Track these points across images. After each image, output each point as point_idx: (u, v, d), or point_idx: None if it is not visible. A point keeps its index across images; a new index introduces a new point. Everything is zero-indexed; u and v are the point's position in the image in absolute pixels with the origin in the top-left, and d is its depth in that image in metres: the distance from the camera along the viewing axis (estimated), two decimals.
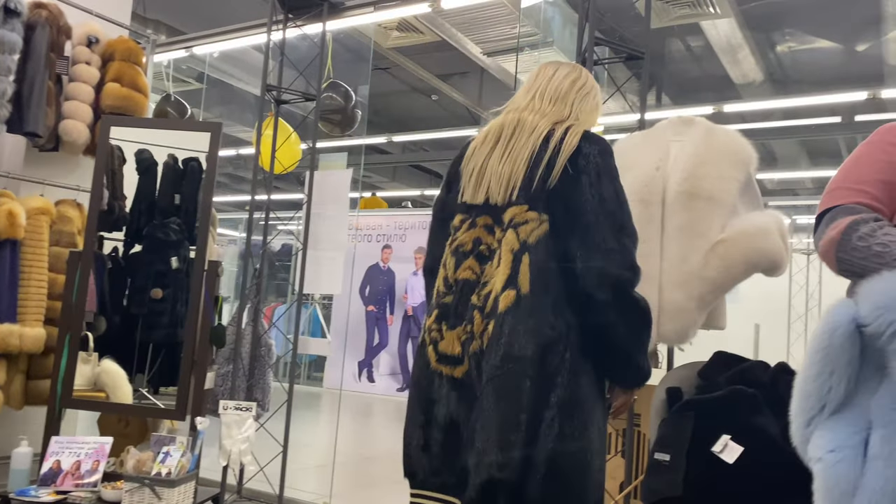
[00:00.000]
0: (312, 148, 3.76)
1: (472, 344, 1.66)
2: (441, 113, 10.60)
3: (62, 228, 3.84)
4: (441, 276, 1.77)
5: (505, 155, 1.79)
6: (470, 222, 1.77)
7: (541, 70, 1.95)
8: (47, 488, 3.24)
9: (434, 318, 1.74)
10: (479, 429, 1.60)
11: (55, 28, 3.80)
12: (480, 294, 1.69)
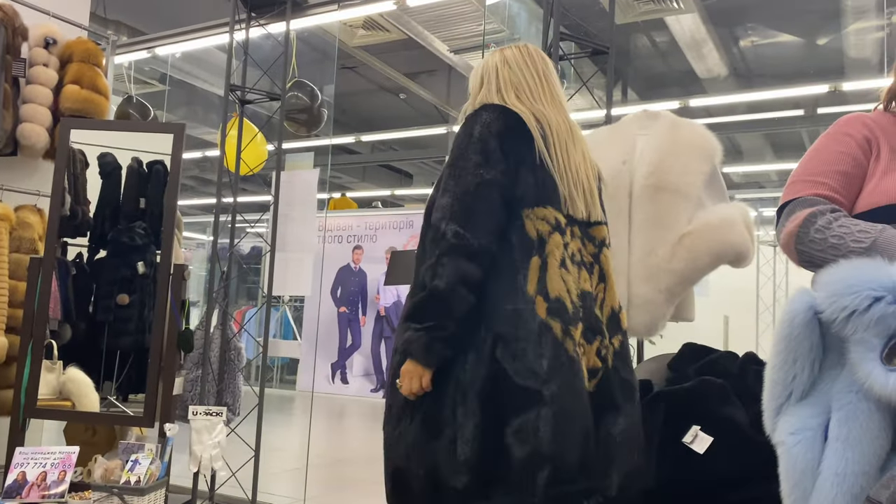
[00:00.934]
0: (278, 148, 3.72)
1: (608, 359, 1.72)
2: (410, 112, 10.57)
3: (22, 234, 3.75)
4: (570, 285, 1.67)
5: (584, 166, 1.80)
6: (572, 230, 1.75)
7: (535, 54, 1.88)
8: (12, 500, 3.16)
9: (581, 332, 1.66)
10: (627, 436, 1.69)
11: (10, 29, 3.71)
12: (603, 309, 1.76)
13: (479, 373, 1.61)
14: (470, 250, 1.60)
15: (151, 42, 4.78)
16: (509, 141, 1.68)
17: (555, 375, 1.58)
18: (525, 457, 1.56)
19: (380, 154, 12.31)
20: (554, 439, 1.56)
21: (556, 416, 1.56)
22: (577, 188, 1.75)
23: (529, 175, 1.69)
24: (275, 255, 3.70)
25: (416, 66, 8.64)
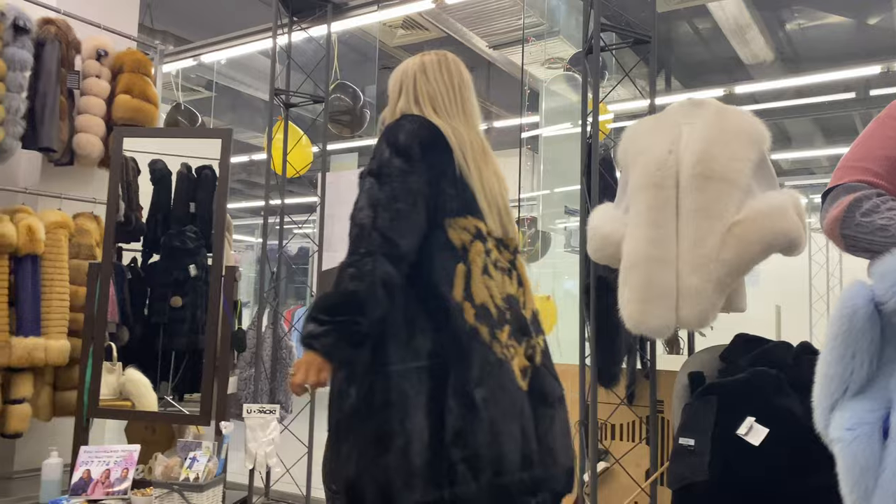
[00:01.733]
0: (323, 150, 3.78)
1: (535, 357, 1.76)
2: None
3: (81, 241, 3.88)
4: (493, 291, 1.72)
5: (497, 185, 1.85)
6: (489, 241, 1.79)
7: (453, 66, 1.90)
8: (79, 498, 3.29)
9: (508, 334, 1.70)
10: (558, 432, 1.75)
11: (64, 43, 3.84)
12: (526, 311, 1.80)
13: (416, 385, 1.62)
14: (392, 255, 1.62)
15: (197, 50, 4.89)
16: (430, 152, 1.71)
17: (485, 379, 1.62)
18: (466, 461, 1.58)
19: None
20: (492, 441, 1.59)
21: (492, 419, 1.60)
22: (490, 204, 1.80)
23: (450, 186, 1.73)
24: (322, 255, 3.76)
25: None
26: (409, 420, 1.60)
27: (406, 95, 1.86)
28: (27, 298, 3.55)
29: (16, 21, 3.58)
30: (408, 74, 1.88)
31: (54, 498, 3.29)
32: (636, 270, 2.23)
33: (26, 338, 3.50)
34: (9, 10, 3.58)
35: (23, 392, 3.53)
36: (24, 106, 3.60)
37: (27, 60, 3.61)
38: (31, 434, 3.95)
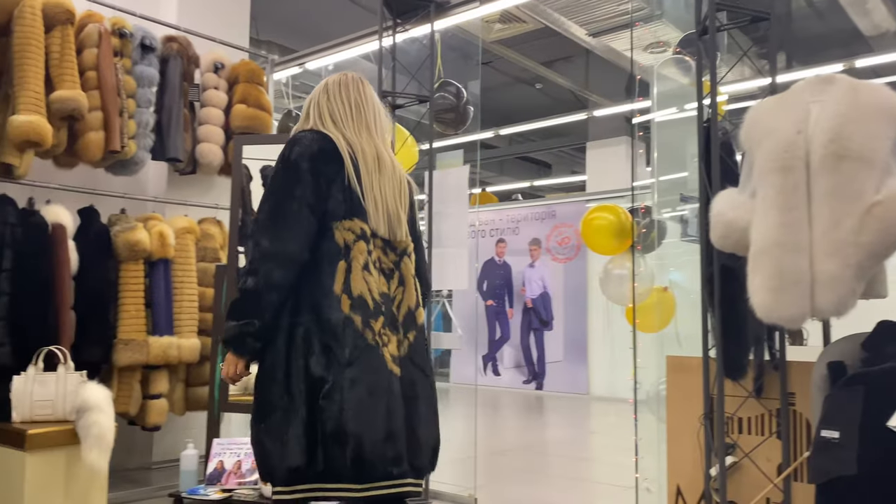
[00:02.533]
0: (430, 149, 3.83)
1: (403, 348, 2.00)
2: (546, 101, 10.49)
3: (206, 245, 4.11)
4: (371, 286, 1.94)
5: (392, 192, 2.06)
6: (374, 241, 2.00)
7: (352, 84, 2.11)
8: (214, 487, 3.48)
9: (382, 323, 1.94)
10: (424, 416, 1.98)
11: (185, 58, 4.07)
12: (400, 308, 2.04)
13: (298, 364, 1.86)
14: (279, 258, 1.86)
15: (304, 58, 5.06)
16: (322, 162, 1.94)
17: (356, 361, 1.85)
18: (333, 435, 1.81)
19: (517, 146, 12.31)
20: (356, 417, 1.81)
21: (358, 397, 1.83)
22: (378, 209, 2.00)
23: (339, 192, 1.94)
24: (432, 252, 3.81)
25: (552, 54, 8.55)
26: (289, 394, 1.85)
27: (311, 113, 2.09)
28: (161, 300, 3.79)
29: (143, 40, 3.83)
30: (314, 96, 2.11)
31: (192, 487, 3.50)
32: (766, 257, 2.14)
33: (161, 337, 3.74)
34: (136, 30, 3.83)
35: (160, 388, 3.78)
36: (153, 120, 3.84)
37: (154, 77, 3.86)
38: (167, 427, 4.21)
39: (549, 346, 9.56)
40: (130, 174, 3.87)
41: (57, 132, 3.40)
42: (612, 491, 3.99)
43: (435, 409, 2.05)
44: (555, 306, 9.56)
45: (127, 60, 3.75)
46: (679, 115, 3.41)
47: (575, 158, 12.89)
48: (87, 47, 3.59)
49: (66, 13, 3.50)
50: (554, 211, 9.71)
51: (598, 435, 6.15)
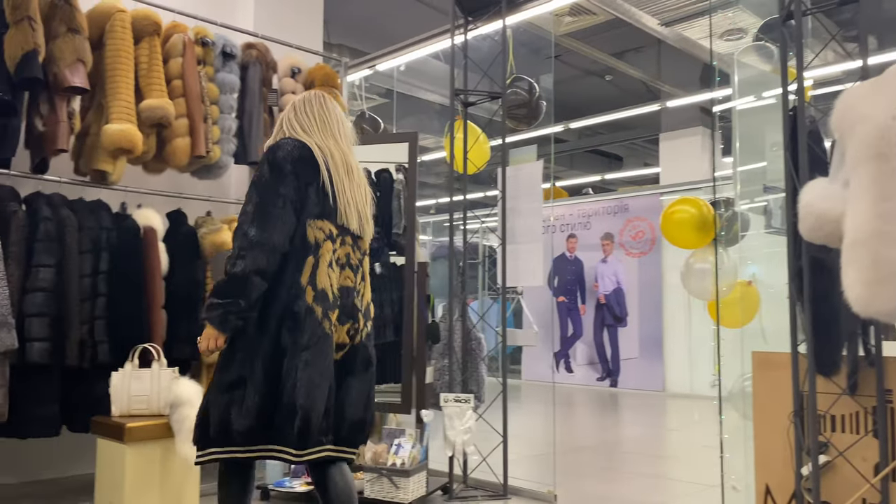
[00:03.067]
0: (503, 144, 3.83)
1: (355, 338, 2.31)
2: (616, 93, 10.32)
3: None
4: (332, 281, 2.23)
5: (360, 193, 2.34)
6: (342, 240, 2.29)
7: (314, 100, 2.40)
8: (298, 479, 3.59)
9: (337, 315, 2.24)
10: (354, 396, 2.30)
11: (264, 64, 4.19)
12: (361, 300, 2.34)
13: (264, 344, 2.14)
14: (265, 247, 2.11)
15: (375, 59, 5.13)
16: (300, 166, 2.20)
17: (312, 346, 2.15)
18: (286, 406, 2.12)
19: (587, 140, 12.16)
20: (306, 394, 2.12)
21: (310, 377, 2.13)
22: (350, 207, 2.29)
23: (315, 194, 2.21)
24: (505, 248, 3.82)
25: (622, 45, 8.41)
26: (250, 369, 2.14)
27: (284, 127, 2.36)
28: None
29: (224, 48, 3.97)
30: (286, 113, 2.40)
31: (278, 480, 3.62)
32: (863, 249, 2.06)
33: None
34: (218, 38, 3.97)
35: None
36: (235, 125, 3.98)
37: (235, 83, 3.99)
38: None
39: (623, 342, 9.41)
40: (214, 178, 4.02)
41: (146, 139, 3.57)
42: (695, 489, 3.91)
43: (367, 392, 2.35)
44: (629, 302, 9.41)
45: (210, 68, 3.89)
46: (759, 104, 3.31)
47: (647, 150, 12.63)
48: (173, 57, 3.75)
49: (153, 25, 3.66)
50: (627, 205, 9.55)
51: (677, 432, 6.03)
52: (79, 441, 3.87)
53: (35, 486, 3.80)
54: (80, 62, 3.29)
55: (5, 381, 3.11)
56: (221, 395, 2.17)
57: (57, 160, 3.51)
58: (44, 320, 3.19)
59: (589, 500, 3.63)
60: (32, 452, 3.84)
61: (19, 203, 3.32)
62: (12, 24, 3.11)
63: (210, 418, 2.18)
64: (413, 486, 3.34)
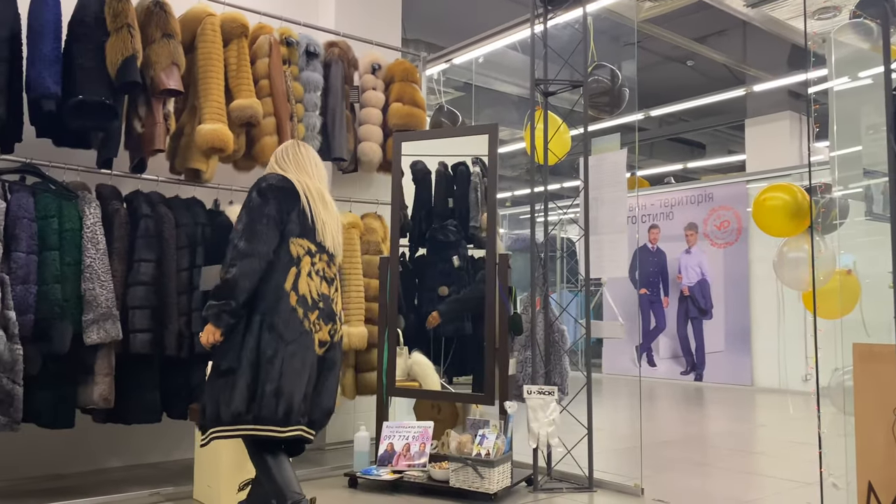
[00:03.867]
0: (584, 133, 3.78)
1: (334, 337, 2.77)
2: (698, 79, 10.01)
3: (369, 238, 4.31)
4: (312, 288, 2.68)
5: (332, 220, 2.83)
6: (320, 256, 2.75)
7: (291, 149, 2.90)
8: (385, 468, 3.66)
9: (317, 315, 2.68)
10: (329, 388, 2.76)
11: (346, 62, 4.28)
12: (335, 307, 2.79)
13: (250, 341, 2.56)
14: (252, 257, 2.56)
15: (453, 53, 5.16)
16: (282, 193, 2.70)
17: (294, 340, 2.59)
18: (272, 391, 2.54)
19: (668, 127, 11.85)
20: (290, 381, 2.56)
21: (294, 366, 2.57)
22: (326, 229, 2.78)
23: (296, 217, 2.69)
24: (588, 239, 3.77)
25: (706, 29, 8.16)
26: (240, 360, 2.55)
27: (273, 166, 2.86)
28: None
29: (308, 47, 4.07)
30: (271, 159, 2.91)
31: (366, 468, 3.70)
32: None
33: None
34: (301, 38, 4.08)
35: None
36: (319, 122, 4.08)
37: (319, 81, 4.09)
38: (338, 411, 4.47)
39: (708, 335, 9.14)
40: None
41: (237, 138, 3.70)
42: (790, 486, 3.77)
43: (335, 385, 2.81)
44: (714, 294, 9.13)
45: (294, 67, 4.00)
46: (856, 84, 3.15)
47: (731, 137, 12.21)
48: (260, 57, 3.88)
49: (241, 27, 3.79)
50: (711, 193, 9.25)
51: (768, 428, 5.82)
52: (179, 427, 4.07)
53: (139, 470, 4.02)
54: (174, 65, 3.45)
55: (111, 370, 3.31)
56: (214, 383, 2.60)
57: (153, 160, 3.69)
58: (145, 312, 3.36)
59: (677, 495, 3.56)
60: (136, 438, 4.06)
61: (121, 201, 3.50)
62: (113, 31, 3.28)
63: (207, 405, 2.60)
64: (498, 477, 3.35)
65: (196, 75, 3.66)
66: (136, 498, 3.36)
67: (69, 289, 3.16)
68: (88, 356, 3.23)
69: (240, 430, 2.56)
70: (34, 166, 3.33)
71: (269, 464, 2.60)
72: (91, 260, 3.21)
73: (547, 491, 3.59)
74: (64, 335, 3.11)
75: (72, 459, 3.89)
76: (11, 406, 2.94)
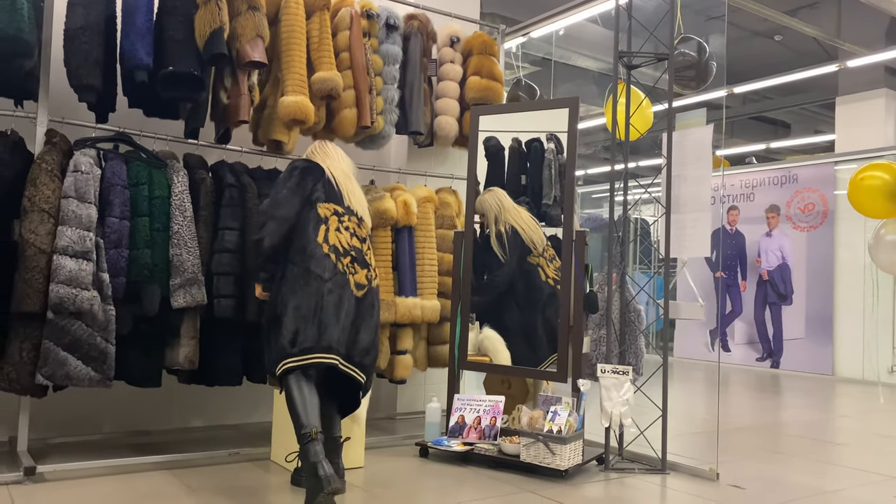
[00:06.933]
0: (669, 109, 3.67)
1: (373, 281, 3.09)
2: (787, 54, 9.58)
3: (444, 213, 4.32)
4: (342, 240, 3.01)
5: (356, 190, 3.21)
6: (349, 217, 3.09)
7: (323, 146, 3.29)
8: (455, 440, 3.70)
9: (350, 260, 3.00)
10: (368, 329, 3.03)
11: (425, 35, 4.27)
12: (370, 260, 3.12)
13: (291, 287, 2.90)
14: (273, 220, 2.92)
15: (532, 26, 5.07)
16: (309, 172, 3.08)
17: (331, 279, 2.91)
18: (313, 323, 2.86)
19: (752, 105, 11.39)
20: (327, 315, 2.88)
21: (330, 302, 2.89)
22: (353, 197, 3.16)
23: (321, 187, 3.06)
24: (670, 218, 3.68)
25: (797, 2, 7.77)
26: (285, 305, 2.88)
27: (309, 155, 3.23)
28: (405, 264, 4.06)
29: (388, 20, 4.08)
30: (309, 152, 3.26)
31: (437, 438, 3.74)
32: None
33: (406, 298, 4.01)
34: (382, 10, 4.08)
35: (406, 345, 4.07)
36: (397, 95, 4.09)
37: (398, 55, 4.10)
38: (409, 382, 4.54)
39: (787, 321, 8.82)
40: (377, 148, 4.16)
41: (317, 110, 3.75)
42: (876, 479, 3.62)
43: (377, 324, 3.10)
44: (795, 279, 8.79)
45: (374, 40, 4.01)
46: None
47: (819, 116, 11.65)
48: (341, 30, 3.90)
49: (324, 0, 3.82)
50: (796, 175, 8.87)
51: (850, 419, 5.59)
52: (258, 391, 4.21)
53: (219, 430, 4.18)
54: (259, 38, 3.51)
55: (196, 334, 3.43)
56: (268, 331, 2.95)
57: (237, 131, 3.78)
58: (229, 279, 3.47)
59: (755, 482, 3.46)
60: (218, 399, 4.22)
61: (207, 171, 3.61)
62: (201, 4, 3.35)
63: (265, 352, 2.99)
64: (569, 454, 3.34)
65: (279, 48, 3.71)
66: (216, 457, 3.50)
67: (158, 254, 3.28)
68: (175, 319, 3.36)
69: (288, 363, 2.82)
70: (126, 135, 3.47)
71: (296, 398, 2.79)
72: (178, 227, 3.33)
73: (618, 471, 3.55)
74: (153, 298, 3.24)
75: (157, 417, 4.08)
76: (105, 363, 3.09)
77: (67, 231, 3.01)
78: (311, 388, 2.85)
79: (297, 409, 2.77)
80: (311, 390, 2.84)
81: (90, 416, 3.88)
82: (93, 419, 3.90)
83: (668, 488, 3.32)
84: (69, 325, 2.99)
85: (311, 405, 2.80)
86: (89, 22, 3.20)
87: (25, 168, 3.13)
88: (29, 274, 2.96)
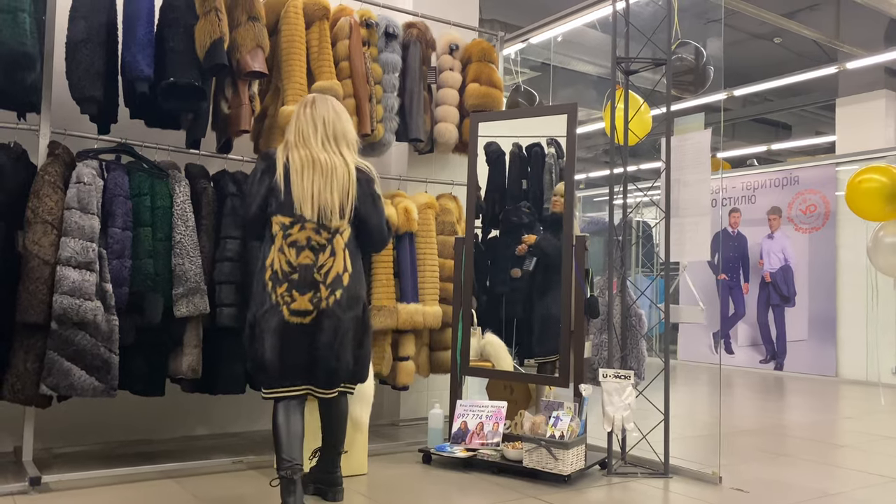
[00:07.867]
0: (667, 113, 3.68)
1: (320, 305, 2.75)
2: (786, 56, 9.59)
3: (444, 219, 4.34)
4: (282, 261, 2.77)
5: (326, 185, 2.80)
6: (300, 227, 2.78)
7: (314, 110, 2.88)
8: (458, 445, 3.71)
9: (286, 289, 2.75)
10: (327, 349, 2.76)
11: (424, 43, 4.29)
12: (329, 273, 2.78)
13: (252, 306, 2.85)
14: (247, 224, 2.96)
15: (531, 32, 5.09)
16: (263, 174, 2.85)
17: (264, 313, 2.76)
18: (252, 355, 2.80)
19: (752, 107, 11.40)
20: (260, 345, 2.76)
21: (269, 338, 2.74)
22: (306, 201, 2.79)
23: (273, 196, 2.82)
24: (669, 222, 3.69)
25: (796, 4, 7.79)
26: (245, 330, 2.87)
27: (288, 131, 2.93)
28: (407, 270, 4.08)
29: (387, 29, 4.10)
30: (293, 117, 2.93)
31: (439, 444, 3.75)
32: None
33: (408, 304, 4.03)
34: (381, 19, 4.11)
35: (408, 351, 4.08)
36: (397, 103, 4.12)
37: (397, 63, 4.12)
38: (412, 388, 4.55)
39: (790, 323, 8.82)
40: (378, 155, 4.18)
41: None
42: (879, 481, 3.62)
43: (341, 342, 2.78)
44: (797, 280, 8.78)
45: (374, 49, 4.04)
46: None
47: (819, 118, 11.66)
48: (340, 39, 3.93)
49: (323, 9, 3.85)
50: (797, 176, 8.88)
51: (854, 421, 5.59)
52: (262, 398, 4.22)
53: (223, 438, 4.20)
54: (259, 48, 3.53)
55: (199, 342, 3.45)
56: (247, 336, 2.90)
57: (238, 141, 3.80)
58: (231, 287, 3.49)
59: (757, 485, 3.46)
60: (222, 407, 4.24)
61: (209, 181, 3.63)
62: (202, 15, 3.38)
63: None
64: (572, 459, 3.35)
65: (279, 57, 3.74)
66: (220, 465, 3.51)
67: (161, 264, 3.31)
68: (178, 328, 3.38)
69: (266, 394, 2.83)
70: (128, 146, 3.49)
71: (280, 428, 2.74)
72: (181, 236, 3.35)
73: (621, 475, 3.56)
74: (156, 308, 3.26)
75: (161, 426, 4.09)
76: (109, 373, 3.11)
77: (70, 242, 3.03)
78: (297, 414, 2.78)
79: (280, 441, 2.72)
80: (297, 417, 2.78)
81: (95, 426, 3.90)
82: (97, 429, 3.92)
83: (671, 492, 3.33)
84: (73, 336, 3.01)
85: (294, 435, 2.73)
86: (90, 34, 3.23)
87: (29, 180, 3.16)
88: (33, 285, 2.99)
